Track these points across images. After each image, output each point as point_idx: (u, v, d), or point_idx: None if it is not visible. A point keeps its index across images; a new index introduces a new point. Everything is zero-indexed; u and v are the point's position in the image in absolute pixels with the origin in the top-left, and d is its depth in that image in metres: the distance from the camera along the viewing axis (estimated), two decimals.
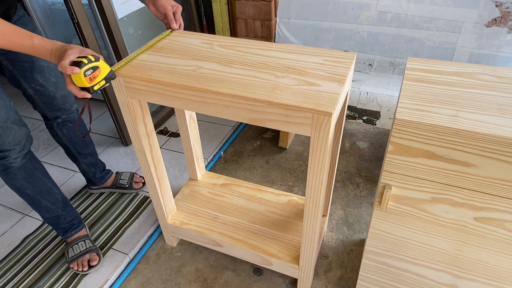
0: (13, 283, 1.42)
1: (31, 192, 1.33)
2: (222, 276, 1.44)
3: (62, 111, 1.46)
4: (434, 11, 1.59)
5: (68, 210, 1.47)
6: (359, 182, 1.83)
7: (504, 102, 0.84)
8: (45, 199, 1.37)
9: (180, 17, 1.24)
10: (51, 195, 1.39)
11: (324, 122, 0.85)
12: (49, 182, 1.38)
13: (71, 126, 1.51)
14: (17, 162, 1.24)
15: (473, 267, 0.99)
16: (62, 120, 1.48)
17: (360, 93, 1.67)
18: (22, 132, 1.22)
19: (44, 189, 1.36)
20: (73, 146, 1.57)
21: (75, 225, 1.49)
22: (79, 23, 1.62)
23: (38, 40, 0.91)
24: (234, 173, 1.93)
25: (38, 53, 0.93)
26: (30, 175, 1.30)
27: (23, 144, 1.23)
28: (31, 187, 1.32)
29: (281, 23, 1.88)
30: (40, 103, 1.40)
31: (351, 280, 1.40)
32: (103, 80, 0.94)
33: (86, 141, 1.61)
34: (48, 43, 0.92)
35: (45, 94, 1.37)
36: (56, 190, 1.42)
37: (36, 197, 1.35)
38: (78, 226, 1.51)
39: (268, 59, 1.04)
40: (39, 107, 1.42)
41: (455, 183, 0.85)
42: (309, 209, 1.06)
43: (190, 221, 1.46)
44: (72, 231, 1.49)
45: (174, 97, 1.00)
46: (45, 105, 1.41)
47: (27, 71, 1.29)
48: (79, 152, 1.60)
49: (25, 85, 1.33)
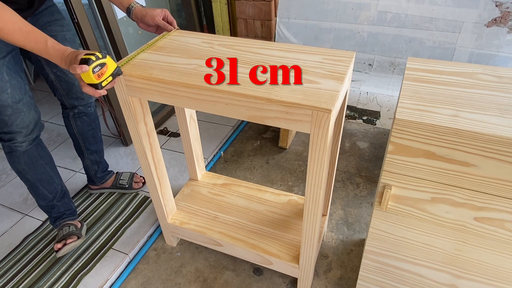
0: (13, 283, 1.42)
1: (31, 178, 1.37)
2: (222, 276, 1.44)
3: (79, 100, 1.50)
4: (434, 11, 1.59)
5: (64, 202, 1.51)
6: (359, 182, 1.83)
7: (504, 102, 0.84)
8: (44, 187, 1.41)
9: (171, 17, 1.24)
10: (50, 184, 1.42)
11: (323, 119, 0.85)
12: (51, 171, 1.42)
13: (86, 119, 1.56)
14: (22, 147, 1.28)
15: (473, 267, 0.99)
16: (78, 111, 1.52)
17: (360, 93, 1.67)
18: (31, 117, 1.25)
19: (45, 177, 1.40)
20: (83, 140, 1.60)
21: (65, 215, 1.52)
22: (79, 23, 1.62)
23: (51, 43, 0.95)
24: (234, 173, 1.93)
25: (50, 56, 0.96)
26: (33, 161, 1.34)
27: (31, 129, 1.26)
28: (32, 173, 1.36)
29: (281, 23, 1.88)
30: (60, 89, 1.45)
31: (351, 280, 1.40)
32: (110, 76, 0.96)
33: (96, 137, 1.64)
34: (61, 48, 0.96)
35: (65, 81, 1.41)
36: (57, 181, 1.45)
37: (35, 183, 1.39)
38: (69, 217, 1.53)
39: (268, 57, 1.04)
40: (59, 93, 1.46)
41: (455, 183, 0.85)
42: (309, 207, 1.06)
43: (190, 221, 1.46)
44: (61, 219, 1.52)
45: (174, 95, 1.00)
46: (64, 91, 1.45)
47: None
48: (87, 147, 1.62)
49: (48, 70, 1.38)
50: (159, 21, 1.20)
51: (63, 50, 0.95)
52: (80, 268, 1.45)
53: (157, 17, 1.20)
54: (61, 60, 0.95)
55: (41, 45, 0.95)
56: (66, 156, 2.07)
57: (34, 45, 0.95)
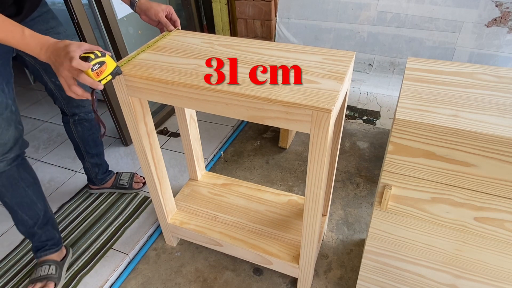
0: (13, 283, 1.42)
1: (8, 201, 1.23)
2: (222, 276, 1.44)
3: (80, 108, 1.47)
4: (434, 11, 1.59)
5: (46, 230, 1.35)
6: (359, 182, 1.83)
7: (504, 102, 0.84)
8: (24, 211, 1.27)
9: (176, 16, 1.22)
10: (31, 209, 1.28)
11: (323, 119, 0.85)
12: (33, 195, 1.27)
13: (86, 125, 1.52)
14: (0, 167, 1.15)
15: (473, 267, 0.99)
16: (79, 117, 1.50)
17: (360, 93, 1.67)
18: (10, 134, 1.12)
19: (25, 202, 1.26)
20: (83, 144, 1.59)
21: (47, 246, 1.38)
22: (79, 23, 1.62)
23: (29, 32, 0.87)
24: (234, 173, 1.93)
25: (27, 47, 0.87)
26: (12, 184, 1.20)
27: (9, 147, 1.14)
28: (10, 195, 1.22)
29: (281, 23, 1.88)
30: (60, 98, 1.41)
31: (351, 280, 1.40)
32: (110, 75, 0.95)
33: (97, 141, 1.61)
34: (40, 37, 0.88)
35: None
36: (40, 206, 1.31)
37: (13, 207, 1.25)
38: (51, 249, 1.39)
39: (268, 57, 1.04)
40: (59, 101, 1.43)
41: (455, 183, 0.85)
42: (309, 207, 1.06)
43: (190, 221, 1.46)
44: (42, 252, 1.38)
45: (174, 95, 1.00)
46: (65, 100, 1.42)
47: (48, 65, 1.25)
48: (87, 151, 1.61)
49: (47, 79, 1.33)
50: (162, 18, 1.18)
51: (44, 39, 0.87)
52: (80, 268, 1.45)
53: (161, 13, 1.17)
54: (41, 50, 0.87)
55: (16, 34, 0.85)
56: (66, 156, 2.07)
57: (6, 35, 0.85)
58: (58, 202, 1.77)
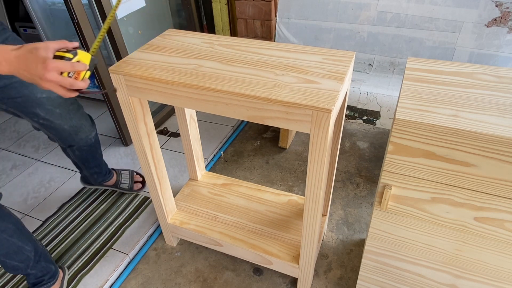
0: (13, 283, 1.42)
1: None
2: (222, 276, 1.44)
3: (77, 140, 1.35)
4: (434, 11, 1.59)
5: (40, 266, 1.27)
6: (359, 182, 1.83)
7: (504, 102, 0.84)
8: (12, 259, 1.17)
9: None
10: (20, 254, 1.18)
11: (323, 119, 0.85)
12: (19, 241, 1.16)
13: (85, 149, 1.44)
14: None
15: (473, 267, 0.99)
16: (78, 146, 1.42)
17: (360, 93, 1.67)
18: None
19: (12, 250, 1.15)
20: (82, 163, 1.55)
21: (44, 281, 1.30)
22: (79, 23, 1.62)
23: None
24: (234, 173, 1.93)
25: None
26: None
27: None
28: None
29: (281, 23, 1.88)
30: (50, 136, 1.30)
31: (351, 280, 1.40)
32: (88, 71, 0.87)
33: (96, 156, 1.54)
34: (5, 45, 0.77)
35: (52, 127, 1.23)
36: (28, 247, 1.20)
37: (0, 259, 1.15)
38: (48, 282, 1.31)
39: (268, 57, 1.04)
40: (51, 138, 1.32)
41: (455, 183, 0.85)
42: (309, 207, 1.06)
43: (190, 221, 1.46)
44: (40, 286, 1.30)
45: (174, 95, 1.00)
46: (56, 137, 1.30)
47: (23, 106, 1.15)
48: (86, 166, 1.58)
49: (27, 120, 1.20)
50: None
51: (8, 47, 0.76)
52: (80, 268, 1.45)
53: None
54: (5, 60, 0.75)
55: None
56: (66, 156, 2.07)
57: None
58: (58, 202, 1.77)
